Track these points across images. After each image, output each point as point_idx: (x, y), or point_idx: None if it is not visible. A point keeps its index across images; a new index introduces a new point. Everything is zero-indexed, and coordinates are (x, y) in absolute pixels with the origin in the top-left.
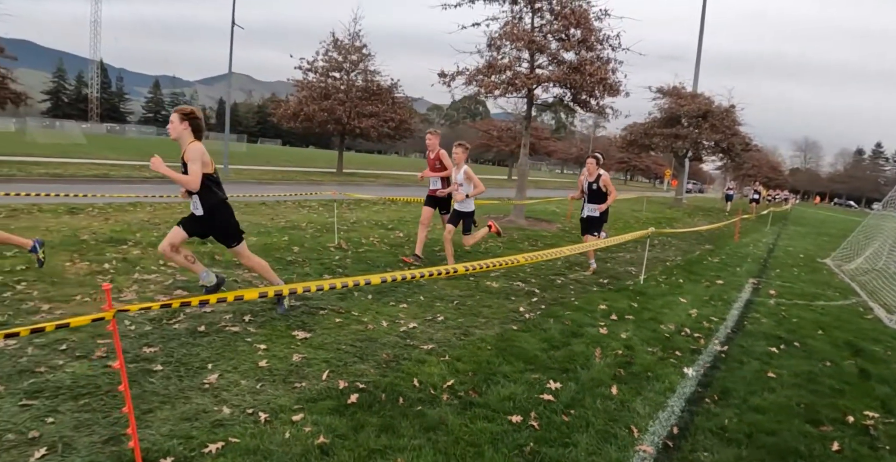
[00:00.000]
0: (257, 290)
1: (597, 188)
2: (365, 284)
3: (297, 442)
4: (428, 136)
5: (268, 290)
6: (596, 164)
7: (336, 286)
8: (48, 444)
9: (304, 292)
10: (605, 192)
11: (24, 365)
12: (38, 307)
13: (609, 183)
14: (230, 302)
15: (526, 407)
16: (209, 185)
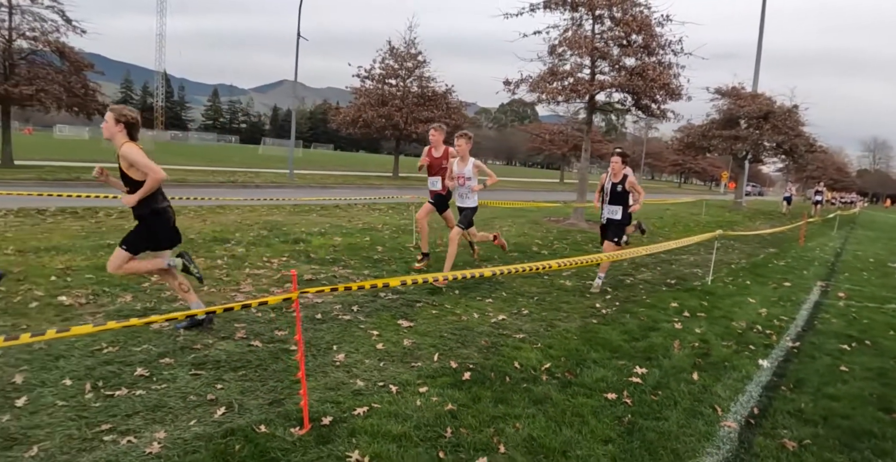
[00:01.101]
0: (400, 278)
1: (621, 190)
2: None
3: (429, 409)
4: (432, 132)
5: (407, 279)
6: (622, 161)
7: (438, 279)
8: (225, 404)
9: (398, 287)
10: (628, 194)
11: (182, 343)
12: (174, 296)
13: (636, 184)
14: (346, 294)
15: (618, 387)
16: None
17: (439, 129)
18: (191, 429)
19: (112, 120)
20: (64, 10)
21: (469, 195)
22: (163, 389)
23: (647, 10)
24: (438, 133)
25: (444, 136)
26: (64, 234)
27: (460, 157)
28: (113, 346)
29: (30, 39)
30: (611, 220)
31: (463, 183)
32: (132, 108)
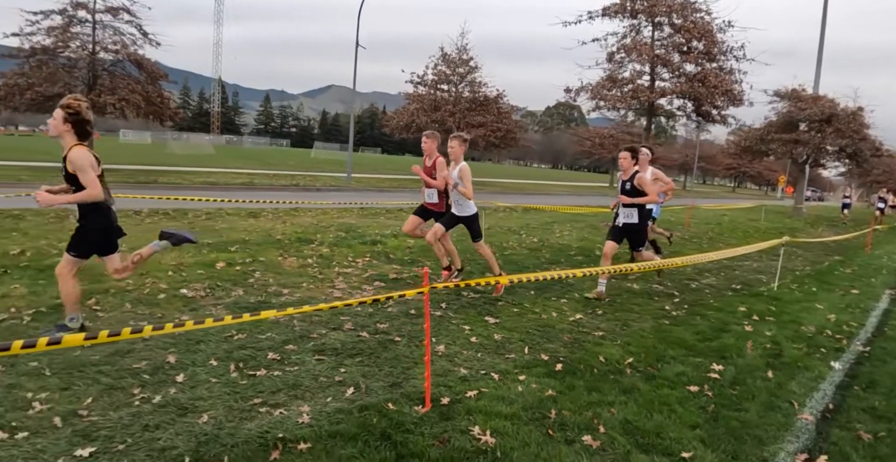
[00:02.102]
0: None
1: (630, 188)
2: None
3: (530, 394)
4: (424, 140)
5: (500, 279)
6: (631, 157)
7: (527, 280)
8: (353, 385)
9: (478, 286)
10: (641, 194)
11: (299, 332)
12: (280, 291)
13: (646, 183)
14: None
15: (698, 381)
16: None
17: (431, 137)
18: (329, 404)
19: (60, 118)
20: (141, 25)
21: (460, 202)
22: (295, 371)
23: (708, 15)
24: (430, 140)
25: (437, 144)
26: None
27: (453, 161)
28: (241, 334)
29: (112, 52)
30: (627, 224)
31: (452, 188)
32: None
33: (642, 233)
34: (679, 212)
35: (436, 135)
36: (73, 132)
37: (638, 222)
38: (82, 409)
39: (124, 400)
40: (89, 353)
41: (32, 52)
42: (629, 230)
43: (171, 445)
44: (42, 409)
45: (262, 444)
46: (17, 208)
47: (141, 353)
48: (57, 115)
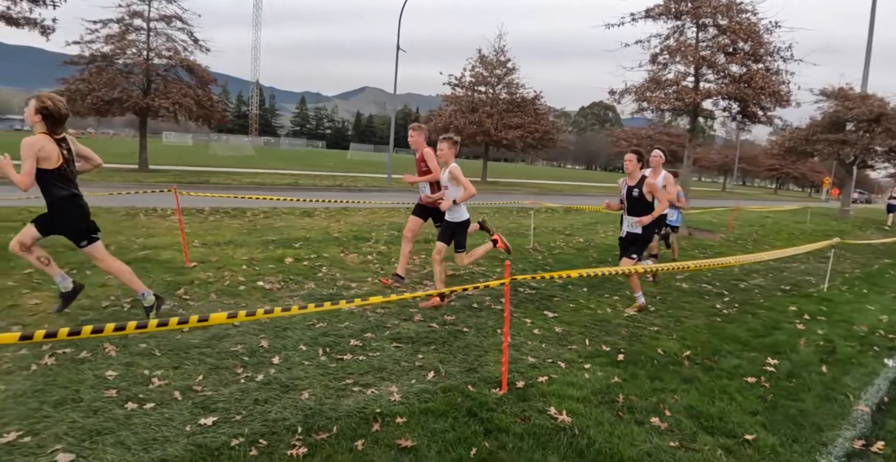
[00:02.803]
0: (581, 270)
1: (639, 195)
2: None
3: (597, 381)
4: (410, 133)
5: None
6: (637, 160)
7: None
8: (433, 369)
9: (532, 282)
10: (650, 202)
11: (374, 323)
12: (348, 285)
13: (657, 189)
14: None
15: (754, 373)
16: (50, 181)
17: (418, 129)
18: (415, 385)
19: (33, 109)
20: (192, 31)
21: (453, 207)
22: (377, 356)
23: (754, 16)
24: (417, 133)
25: (423, 137)
26: (228, 230)
27: (444, 163)
28: (322, 323)
29: (165, 58)
30: (631, 234)
31: (443, 193)
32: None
33: (644, 243)
34: (721, 214)
35: (422, 128)
36: (43, 123)
37: (642, 234)
38: (196, 385)
39: (231, 378)
40: (189, 337)
41: (92, 58)
42: (632, 239)
43: (281, 417)
44: (161, 384)
45: (363, 418)
46: (91, 206)
47: (235, 338)
48: (30, 106)
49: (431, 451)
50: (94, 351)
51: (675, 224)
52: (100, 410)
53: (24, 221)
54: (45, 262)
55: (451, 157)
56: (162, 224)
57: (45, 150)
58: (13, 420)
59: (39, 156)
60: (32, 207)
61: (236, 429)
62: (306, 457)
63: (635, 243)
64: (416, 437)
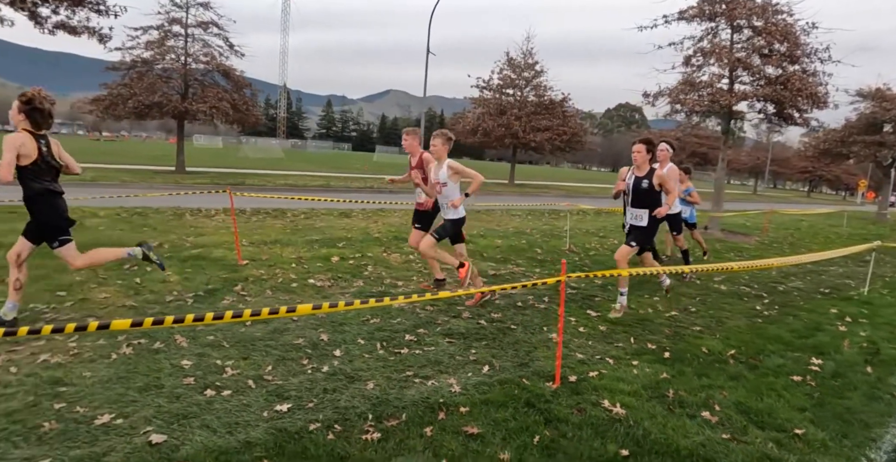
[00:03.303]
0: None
1: (648, 187)
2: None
3: (645, 377)
4: (404, 137)
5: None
6: (647, 151)
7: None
8: (487, 363)
9: (573, 283)
10: (658, 193)
11: (424, 319)
12: (395, 283)
13: (667, 180)
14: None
15: (800, 372)
16: (26, 175)
17: (412, 133)
18: (472, 378)
19: (16, 108)
20: (228, 37)
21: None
22: (433, 351)
23: (790, 17)
24: (410, 137)
25: (418, 141)
26: (272, 230)
27: (437, 161)
28: (376, 319)
29: (202, 63)
30: (634, 227)
31: (439, 190)
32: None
33: (648, 235)
34: (754, 217)
35: (416, 131)
36: (27, 121)
37: (646, 226)
38: (266, 374)
39: (298, 368)
40: (252, 330)
41: (133, 64)
42: (635, 230)
43: (351, 405)
44: (234, 373)
45: (428, 407)
46: (138, 207)
47: (296, 332)
48: (14, 107)
49: (496, 438)
50: (167, 342)
51: (692, 220)
52: (181, 396)
53: (81, 220)
54: (17, 287)
55: (445, 154)
56: (208, 224)
57: (26, 146)
58: (104, 404)
59: (21, 152)
60: (87, 208)
61: (311, 415)
62: (381, 441)
63: (638, 233)
64: (480, 425)
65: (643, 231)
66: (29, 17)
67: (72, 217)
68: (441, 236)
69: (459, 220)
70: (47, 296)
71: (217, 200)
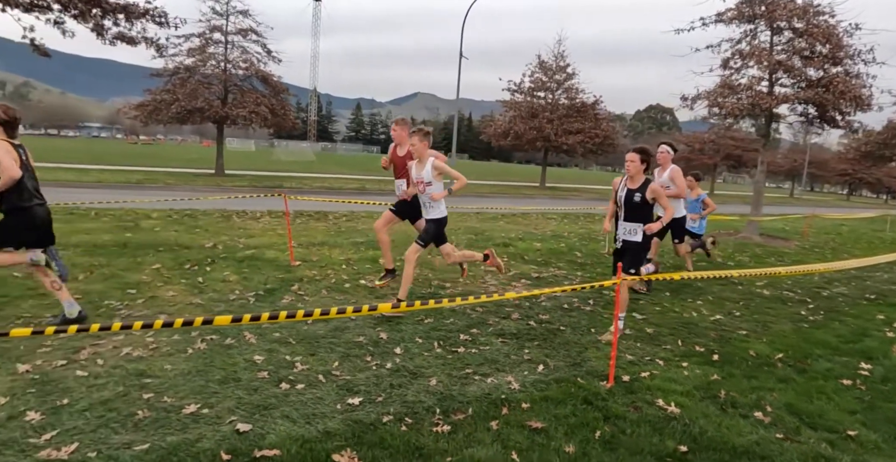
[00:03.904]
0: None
1: (641, 201)
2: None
3: (695, 378)
4: (393, 127)
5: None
6: (641, 161)
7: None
8: (541, 362)
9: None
10: (651, 207)
11: (476, 320)
12: (442, 285)
13: (661, 195)
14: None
15: (849, 376)
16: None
17: (402, 124)
18: (528, 376)
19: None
20: (266, 43)
21: (432, 204)
22: (488, 350)
23: (832, 18)
24: (401, 128)
25: (407, 132)
26: (317, 232)
27: (418, 159)
28: (430, 319)
29: (242, 69)
30: (627, 242)
31: (423, 189)
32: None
33: (641, 253)
34: (794, 221)
35: (406, 122)
36: (2, 130)
37: (641, 241)
38: (334, 370)
39: (362, 365)
40: (314, 328)
41: (175, 70)
42: (628, 248)
43: (418, 400)
44: (304, 368)
45: (492, 402)
46: (187, 209)
47: (356, 330)
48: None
49: (559, 433)
50: (237, 338)
51: (699, 232)
52: (259, 389)
53: (136, 221)
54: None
55: (425, 151)
56: (255, 226)
57: (11, 153)
58: (188, 395)
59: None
60: (139, 210)
61: (382, 408)
62: (451, 433)
63: (634, 254)
64: (543, 420)
65: (637, 250)
66: (92, 28)
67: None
68: (426, 241)
69: (442, 219)
70: (118, 293)
71: (258, 203)
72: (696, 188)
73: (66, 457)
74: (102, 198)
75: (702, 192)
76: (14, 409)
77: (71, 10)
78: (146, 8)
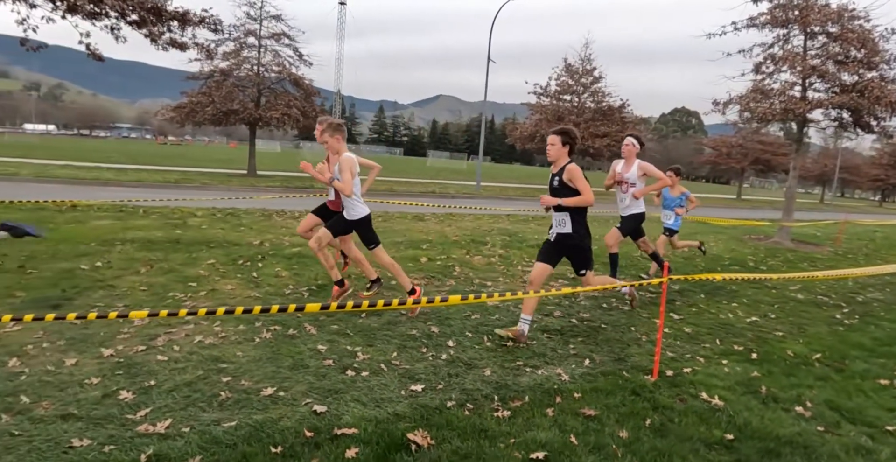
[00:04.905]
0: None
1: (559, 185)
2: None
3: (736, 375)
4: (318, 127)
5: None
6: (562, 144)
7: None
8: (587, 357)
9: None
10: (572, 191)
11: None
12: (484, 283)
13: (578, 178)
14: (600, 289)
15: (886, 376)
16: None
17: (321, 123)
18: (576, 370)
19: None
20: (297, 47)
21: (349, 202)
22: (535, 345)
23: (867, 23)
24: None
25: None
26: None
27: (329, 154)
28: (476, 314)
29: (275, 72)
30: (561, 235)
31: (328, 182)
32: None
33: (586, 249)
34: (825, 227)
35: (321, 122)
36: None
37: (573, 233)
38: (393, 360)
39: (419, 356)
40: (369, 321)
41: (211, 74)
42: (565, 245)
43: (476, 388)
44: (365, 358)
45: (545, 391)
46: (229, 208)
47: (408, 324)
48: None
49: (611, 420)
50: (298, 329)
51: (673, 227)
52: (327, 375)
53: (183, 219)
54: None
55: (337, 145)
56: (296, 224)
57: None
58: (263, 379)
59: None
60: (184, 208)
61: (443, 395)
62: (511, 418)
63: (573, 250)
64: (595, 409)
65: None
66: (146, 34)
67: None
68: (371, 242)
69: (363, 218)
70: (181, 286)
71: (295, 203)
72: (678, 185)
73: (163, 430)
74: (146, 196)
75: (685, 190)
76: (107, 389)
77: (129, 16)
78: (202, 16)
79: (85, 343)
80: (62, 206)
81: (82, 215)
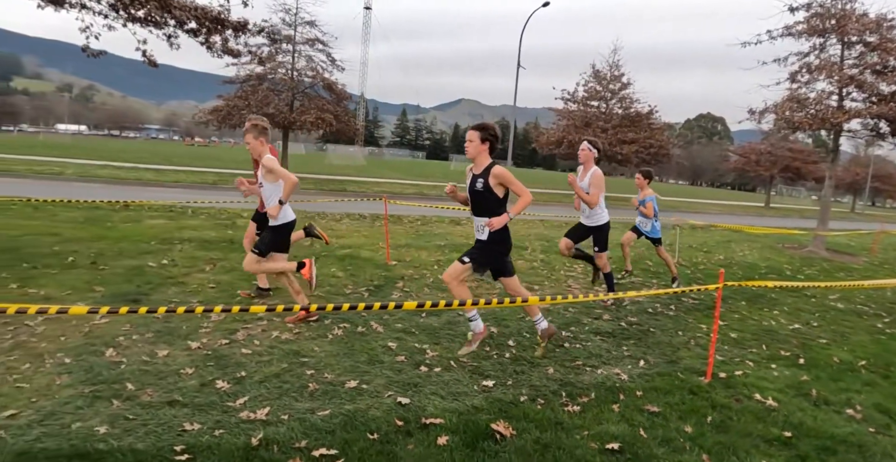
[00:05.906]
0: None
1: (483, 188)
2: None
3: (784, 378)
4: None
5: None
6: (480, 140)
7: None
8: (641, 358)
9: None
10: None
11: (570, 319)
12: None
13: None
14: (648, 295)
15: None
16: None
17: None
18: (632, 370)
19: None
20: (330, 52)
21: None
22: (590, 346)
23: None
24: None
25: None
26: (397, 235)
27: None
28: (528, 316)
29: (308, 77)
30: (481, 242)
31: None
32: None
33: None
34: (859, 237)
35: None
36: None
37: (488, 240)
38: (461, 357)
39: (484, 354)
40: (429, 321)
41: (247, 78)
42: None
43: (543, 384)
44: (434, 355)
45: (608, 389)
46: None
47: (466, 325)
48: None
49: (674, 416)
50: (366, 327)
51: (653, 235)
52: (402, 370)
53: (231, 220)
54: None
55: (263, 148)
56: (339, 227)
57: None
58: (344, 372)
59: None
60: (230, 209)
61: (514, 390)
62: (581, 412)
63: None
64: (657, 406)
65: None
66: (202, 42)
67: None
68: (262, 251)
69: (285, 225)
70: (245, 285)
71: (327, 206)
72: (646, 188)
73: (265, 417)
74: (189, 197)
75: (651, 194)
76: (203, 378)
77: (188, 25)
78: (262, 25)
79: (171, 336)
80: (115, 206)
81: (136, 215)
